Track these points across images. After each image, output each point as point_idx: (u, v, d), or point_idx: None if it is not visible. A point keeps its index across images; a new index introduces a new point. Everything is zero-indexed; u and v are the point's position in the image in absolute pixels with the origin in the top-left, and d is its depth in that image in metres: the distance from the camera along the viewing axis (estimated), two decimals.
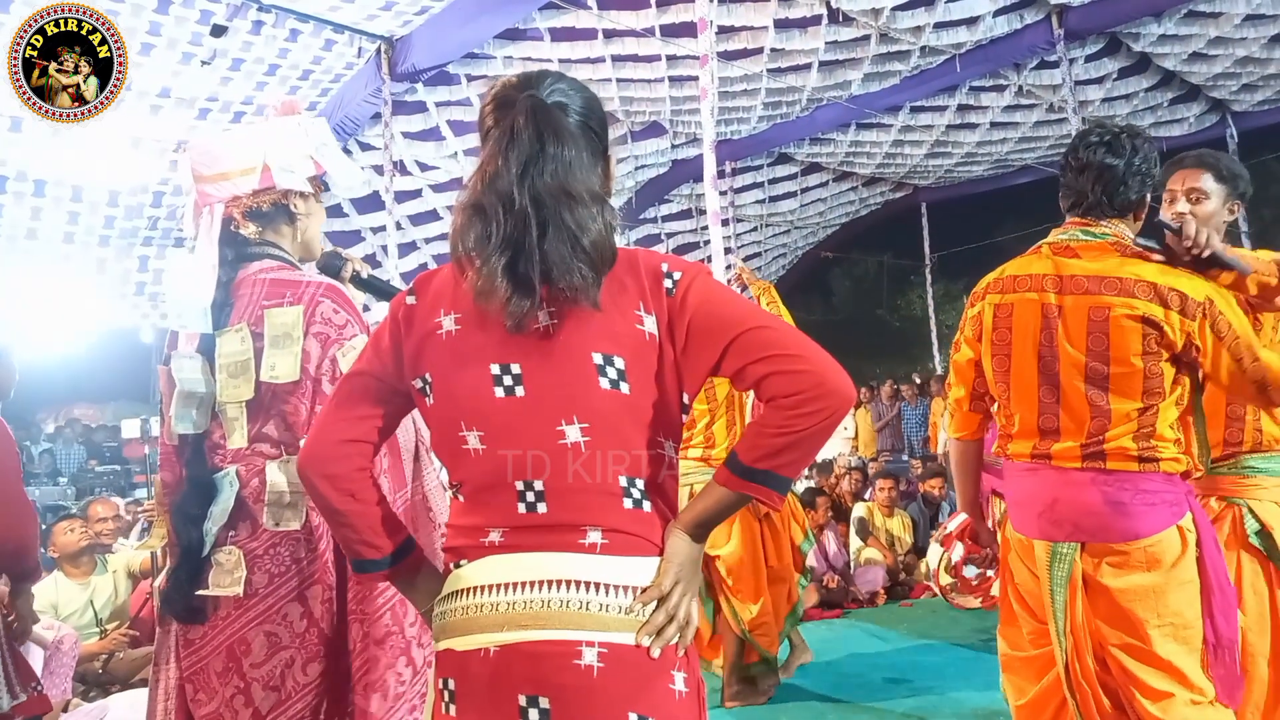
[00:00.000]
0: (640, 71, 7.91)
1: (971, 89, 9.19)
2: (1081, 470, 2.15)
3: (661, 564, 1.31)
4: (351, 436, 1.41)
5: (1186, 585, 2.10)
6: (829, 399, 1.25)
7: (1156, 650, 2.08)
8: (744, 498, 1.33)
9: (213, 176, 2.03)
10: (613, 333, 1.29)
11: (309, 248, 2.16)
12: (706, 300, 1.31)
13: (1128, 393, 2.11)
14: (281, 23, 6.24)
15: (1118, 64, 8.67)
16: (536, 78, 1.37)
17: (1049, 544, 2.19)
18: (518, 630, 1.27)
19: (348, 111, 7.29)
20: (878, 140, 10.38)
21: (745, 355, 1.28)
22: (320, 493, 1.41)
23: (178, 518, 1.94)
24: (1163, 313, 2.07)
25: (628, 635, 1.26)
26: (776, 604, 4.48)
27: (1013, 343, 2.26)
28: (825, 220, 13.34)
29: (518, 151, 1.29)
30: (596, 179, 1.35)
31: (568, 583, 1.27)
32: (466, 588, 1.32)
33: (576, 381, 1.29)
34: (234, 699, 1.87)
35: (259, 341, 1.93)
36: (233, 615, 1.89)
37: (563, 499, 1.30)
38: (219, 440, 1.97)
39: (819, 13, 7.16)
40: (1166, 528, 2.09)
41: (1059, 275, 2.20)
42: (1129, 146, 2.22)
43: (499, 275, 1.26)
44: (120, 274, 8.69)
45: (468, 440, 1.33)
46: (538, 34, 7.19)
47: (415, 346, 1.37)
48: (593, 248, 1.27)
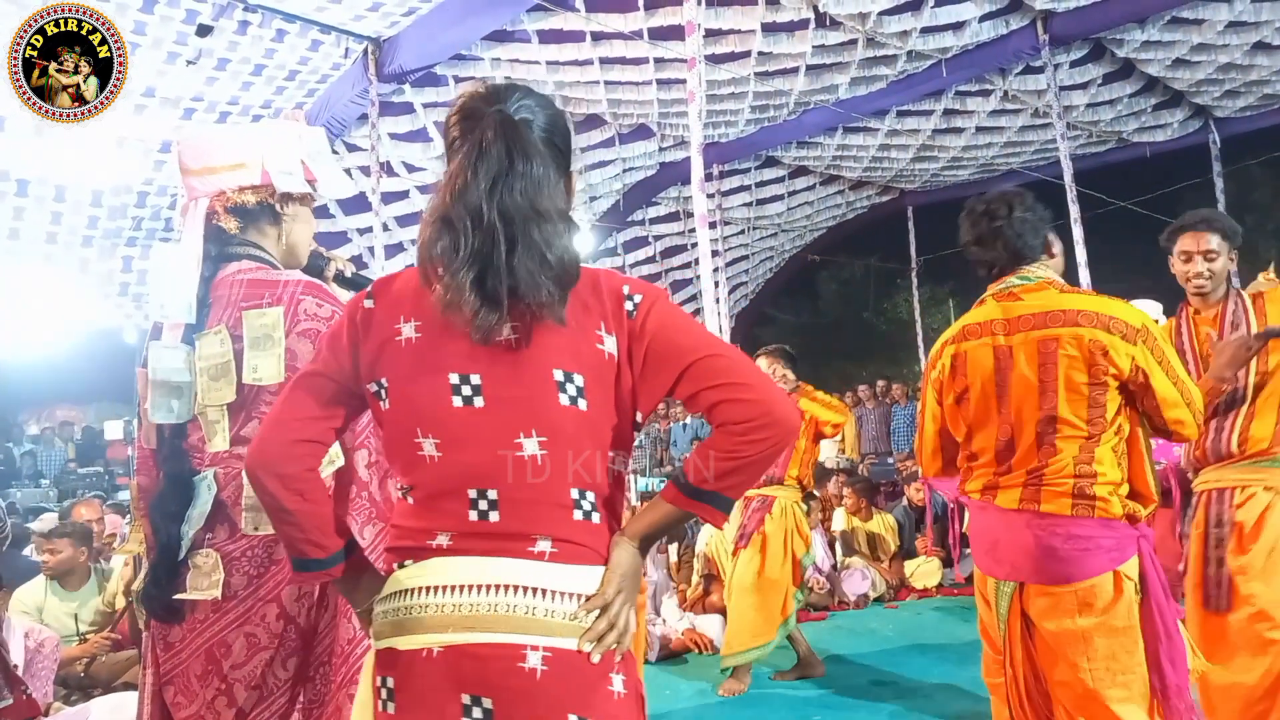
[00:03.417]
0: (628, 74, 7.92)
1: (957, 94, 9.23)
2: (1018, 512, 2.24)
3: (606, 573, 1.35)
4: (305, 437, 1.41)
5: (1120, 631, 2.13)
6: (775, 428, 1.32)
7: (1091, 694, 2.13)
8: (689, 515, 1.40)
9: (199, 170, 2.02)
10: (574, 351, 1.33)
11: (294, 252, 2.14)
12: (664, 325, 1.36)
13: (1073, 422, 2.19)
14: (268, 23, 6.22)
15: (1102, 70, 8.73)
16: (504, 92, 1.39)
17: (995, 580, 2.31)
18: (463, 632, 1.30)
19: (334, 112, 7.27)
20: (864, 144, 10.42)
21: (699, 381, 1.33)
22: (270, 492, 1.40)
23: (156, 515, 1.92)
24: (1107, 338, 2.17)
25: (571, 640, 1.30)
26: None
27: (969, 387, 2.36)
28: (812, 223, 13.38)
29: (487, 166, 1.32)
30: (561, 197, 1.39)
31: (515, 588, 1.30)
32: (411, 588, 1.34)
33: (537, 396, 1.32)
34: (215, 700, 1.86)
35: (238, 343, 1.92)
36: (211, 618, 1.88)
37: (515, 509, 1.33)
38: (197, 443, 1.95)
39: (806, 17, 7.19)
40: (1100, 573, 2.14)
41: (1005, 319, 2.31)
42: (1005, 208, 2.38)
43: (467, 289, 1.28)
44: (103, 274, 8.63)
45: (423, 446, 1.35)
46: (525, 36, 7.18)
47: (373, 350, 1.39)
48: (559, 265, 1.31)
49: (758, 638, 4.49)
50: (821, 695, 4.43)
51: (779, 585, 4.52)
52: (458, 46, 7.02)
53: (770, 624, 4.49)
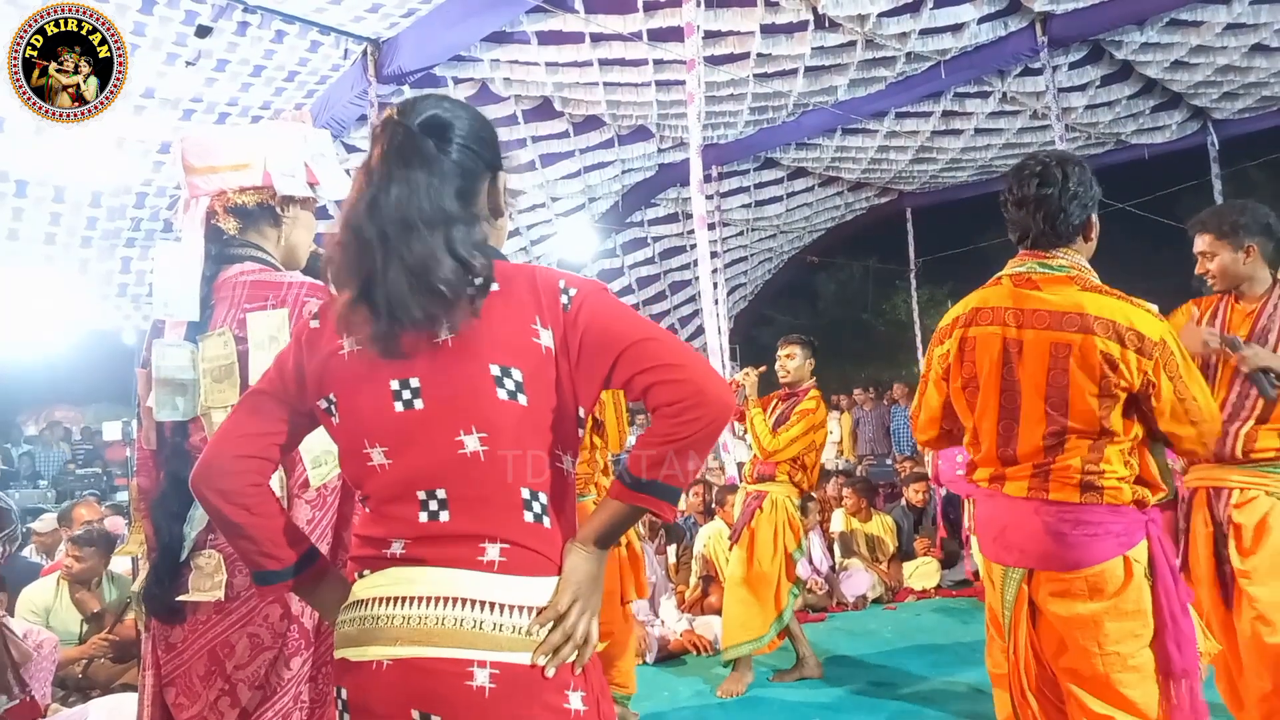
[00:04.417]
0: (627, 75, 7.92)
1: (956, 95, 9.25)
2: (1027, 500, 2.22)
3: (560, 582, 1.33)
4: (247, 453, 1.43)
5: (1130, 615, 2.13)
6: (706, 407, 1.29)
7: (1104, 679, 2.13)
8: (638, 510, 1.37)
9: (201, 169, 2.02)
10: (510, 346, 1.32)
11: (294, 254, 2.14)
12: (598, 315, 1.35)
13: (1082, 427, 2.16)
14: (267, 24, 6.22)
15: (1100, 71, 8.74)
16: (414, 104, 1.39)
17: (1003, 567, 2.29)
18: (411, 645, 1.29)
19: (333, 113, 7.27)
20: (863, 146, 10.43)
21: (632, 366, 1.32)
22: (213, 506, 1.43)
23: (159, 515, 1.92)
24: (1119, 351, 2.10)
25: (522, 655, 1.28)
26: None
27: (977, 375, 2.31)
28: (811, 225, 13.40)
29: (367, 183, 1.34)
30: (453, 200, 1.34)
31: (463, 601, 1.28)
32: (367, 599, 1.35)
33: (474, 392, 1.31)
34: (218, 700, 1.86)
35: (242, 345, 1.92)
36: (214, 619, 1.87)
37: (465, 508, 1.32)
38: (199, 444, 1.95)
39: (805, 18, 7.20)
40: (1110, 558, 2.13)
41: (1019, 309, 2.24)
42: (1060, 174, 2.26)
43: (354, 305, 1.32)
44: (102, 275, 8.63)
45: (372, 457, 1.36)
46: (525, 37, 7.19)
47: (318, 368, 1.40)
48: (440, 280, 1.28)
49: (750, 632, 4.49)
50: (820, 696, 4.43)
51: (769, 579, 4.52)
52: (457, 48, 7.03)
53: (763, 618, 4.49)
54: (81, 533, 4.78)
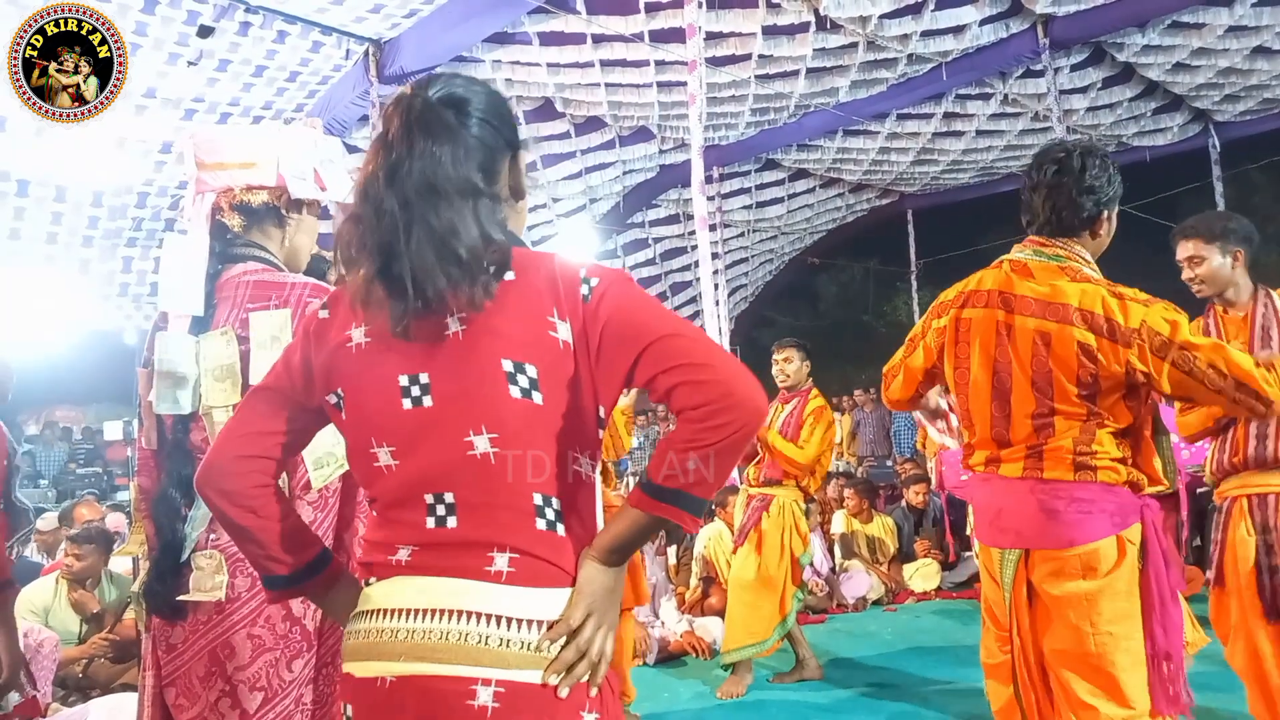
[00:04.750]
0: (629, 76, 7.92)
1: (957, 97, 9.25)
2: (1021, 480, 2.23)
3: (573, 595, 1.23)
4: (250, 453, 1.36)
5: (1122, 595, 2.13)
6: (736, 410, 1.18)
7: (1095, 660, 2.12)
8: (660, 520, 1.26)
9: (211, 164, 2.03)
10: (525, 339, 1.23)
11: (296, 256, 2.15)
12: (621, 307, 1.25)
13: (1068, 409, 2.17)
14: (269, 24, 6.22)
15: (1102, 73, 8.74)
16: (430, 80, 1.32)
17: (1000, 550, 2.29)
18: (414, 661, 1.21)
19: (335, 114, 7.27)
20: (864, 147, 10.43)
21: (656, 364, 1.22)
22: (218, 508, 1.37)
23: (160, 513, 1.92)
24: (1095, 341, 2.12)
25: (532, 673, 1.19)
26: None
27: (970, 356, 2.33)
28: (812, 226, 13.39)
29: (387, 154, 1.26)
30: (476, 173, 1.27)
31: (468, 614, 1.20)
32: (373, 609, 1.28)
33: (484, 389, 1.23)
34: (219, 702, 1.85)
35: (244, 345, 1.92)
36: (214, 620, 1.87)
37: (473, 514, 1.24)
38: (200, 443, 1.95)
39: (807, 20, 7.20)
40: (1103, 537, 2.14)
41: (1011, 294, 2.26)
42: (1079, 165, 2.25)
43: (374, 281, 1.24)
44: (104, 275, 8.63)
45: (379, 457, 1.28)
46: (526, 38, 7.19)
47: (326, 361, 1.33)
48: (464, 249, 1.21)
49: (754, 635, 4.49)
50: (820, 698, 4.43)
51: (775, 583, 4.53)
52: (459, 48, 7.02)
53: (767, 622, 4.50)
54: (80, 531, 4.78)
